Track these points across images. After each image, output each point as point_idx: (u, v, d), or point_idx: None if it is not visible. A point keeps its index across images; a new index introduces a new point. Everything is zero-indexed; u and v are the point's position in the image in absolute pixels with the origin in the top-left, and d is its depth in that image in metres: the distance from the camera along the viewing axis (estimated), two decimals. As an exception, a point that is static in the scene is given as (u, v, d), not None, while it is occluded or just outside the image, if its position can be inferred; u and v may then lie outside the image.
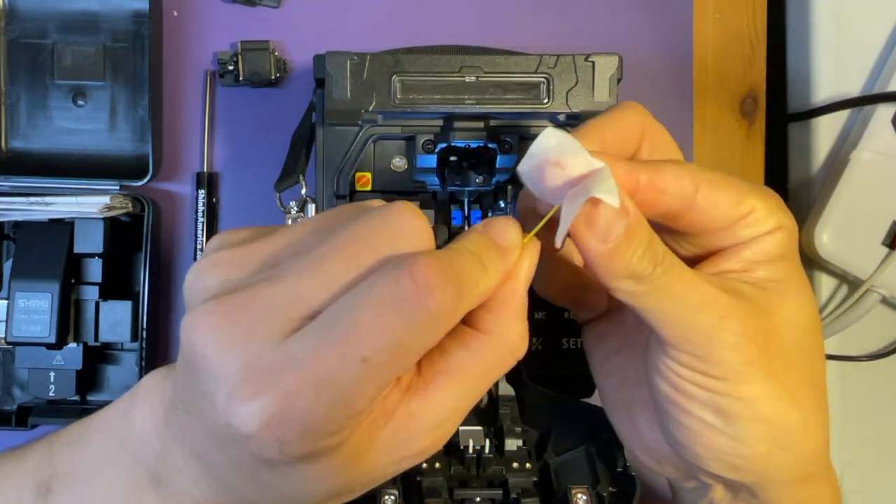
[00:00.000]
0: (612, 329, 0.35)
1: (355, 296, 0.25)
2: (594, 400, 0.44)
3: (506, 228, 0.28)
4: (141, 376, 0.47)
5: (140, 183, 0.51)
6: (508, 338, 0.28)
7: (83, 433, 0.32)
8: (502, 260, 0.28)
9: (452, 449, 0.40)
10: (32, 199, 0.51)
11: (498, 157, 0.44)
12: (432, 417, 0.27)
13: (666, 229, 0.30)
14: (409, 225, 0.26)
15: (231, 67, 0.54)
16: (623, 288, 0.28)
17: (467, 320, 0.28)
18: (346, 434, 0.26)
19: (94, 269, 0.53)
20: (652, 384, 0.31)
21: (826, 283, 0.57)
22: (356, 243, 0.26)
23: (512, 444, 0.40)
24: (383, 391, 0.26)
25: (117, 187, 0.52)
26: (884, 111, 0.54)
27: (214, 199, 0.55)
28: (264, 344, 0.25)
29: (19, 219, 0.52)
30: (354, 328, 0.24)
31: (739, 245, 0.30)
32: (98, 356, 0.54)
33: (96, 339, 0.53)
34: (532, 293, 0.30)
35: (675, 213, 0.29)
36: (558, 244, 0.27)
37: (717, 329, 0.28)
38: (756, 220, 0.30)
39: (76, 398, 0.53)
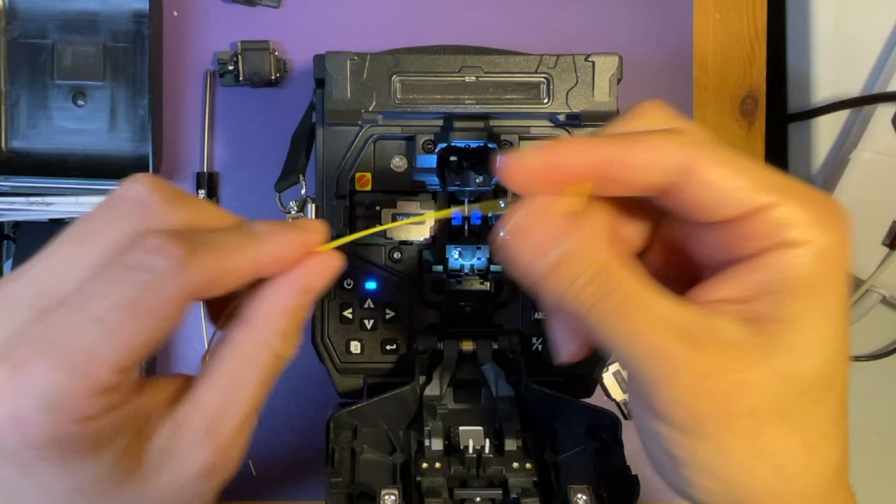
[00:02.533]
0: None
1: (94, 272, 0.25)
2: (594, 400, 0.44)
3: (315, 222, 0.29)
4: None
5: (140, 183, 0.51)
6: (266, 329, 0.27)
7: None
8: (285, 234, 0.27)
9: (452, 449, 0.40)
10: (32, 199, 0.51)
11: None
12: (200, 422, 0.26)
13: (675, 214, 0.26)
14: (139, 201, 0.29)
15: (231, 67, 0.54)
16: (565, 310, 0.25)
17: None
18: (98, 426, 0.24)
19: (94, 269, 0.53)
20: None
21: (826, 283, 0.57)
22: (83, 233, 0.27)
23: (512, 444, 0.40)
24: (128, 362, 0.24)
25: (117, 187, 0.52)
26: (884, 111, 0.54)
27: (214, 199, 0.55)
28: (20, 323, 0.24)
29: (19, 219, 0.52)
30: (84, 293, 0.24)
31: (752, 260, 0.24)
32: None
33: (96, 339, 0.53)
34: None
35: (664, 189, 0.24)
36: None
37: (660, 384, 0.24)
38: (774, 222, 0.23)
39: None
